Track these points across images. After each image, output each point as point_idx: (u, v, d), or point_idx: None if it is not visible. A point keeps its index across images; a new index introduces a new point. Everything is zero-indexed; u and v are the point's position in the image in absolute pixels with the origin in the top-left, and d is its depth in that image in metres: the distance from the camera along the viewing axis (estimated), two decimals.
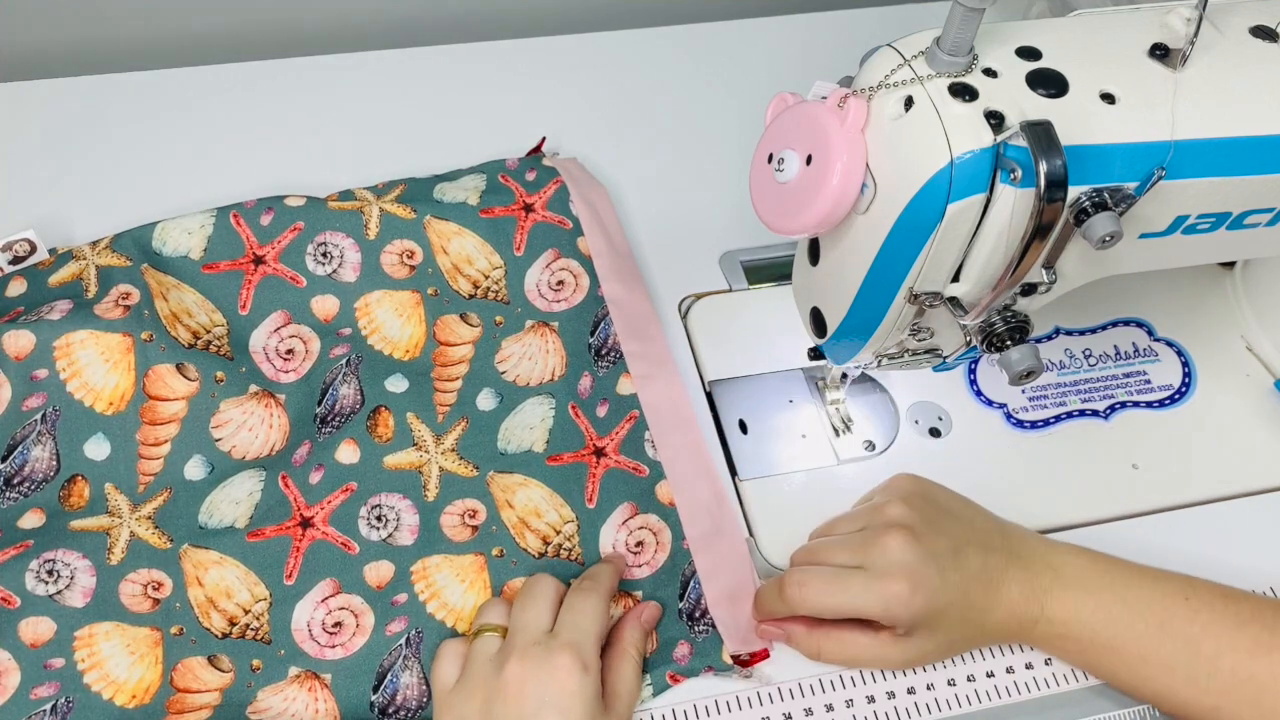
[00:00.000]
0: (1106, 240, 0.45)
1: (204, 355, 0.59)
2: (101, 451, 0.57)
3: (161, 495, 0.57)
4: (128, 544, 0.55)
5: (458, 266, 0.64)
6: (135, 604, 0.53)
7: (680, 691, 0.54)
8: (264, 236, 0.63)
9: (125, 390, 0.57)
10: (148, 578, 0.54)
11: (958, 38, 0.45)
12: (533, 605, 0.52)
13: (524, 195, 0.66)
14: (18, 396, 0.56)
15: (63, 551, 0.53)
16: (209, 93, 0.75)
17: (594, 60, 0.80)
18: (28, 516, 0.55)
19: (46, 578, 0.53)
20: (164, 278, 0.62)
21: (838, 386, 0.64)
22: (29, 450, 0.56)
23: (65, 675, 0.51)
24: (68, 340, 0.57)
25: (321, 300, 0.63)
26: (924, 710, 0.54)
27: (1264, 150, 0.49)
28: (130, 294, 0.59)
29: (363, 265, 0.64)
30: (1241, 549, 0.61)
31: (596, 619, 0.51)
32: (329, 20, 0.82)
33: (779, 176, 0.48)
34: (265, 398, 0.60)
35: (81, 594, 0.53)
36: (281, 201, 0.64)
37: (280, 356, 0.62)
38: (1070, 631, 0.53)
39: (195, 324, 0.61)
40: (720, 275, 0.69)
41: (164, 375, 0.58)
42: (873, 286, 0.50)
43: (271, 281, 0.63)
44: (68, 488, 0.56)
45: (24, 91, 0.73)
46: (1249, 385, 0.68)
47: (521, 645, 0.49)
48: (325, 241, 0.64)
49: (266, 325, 0.62)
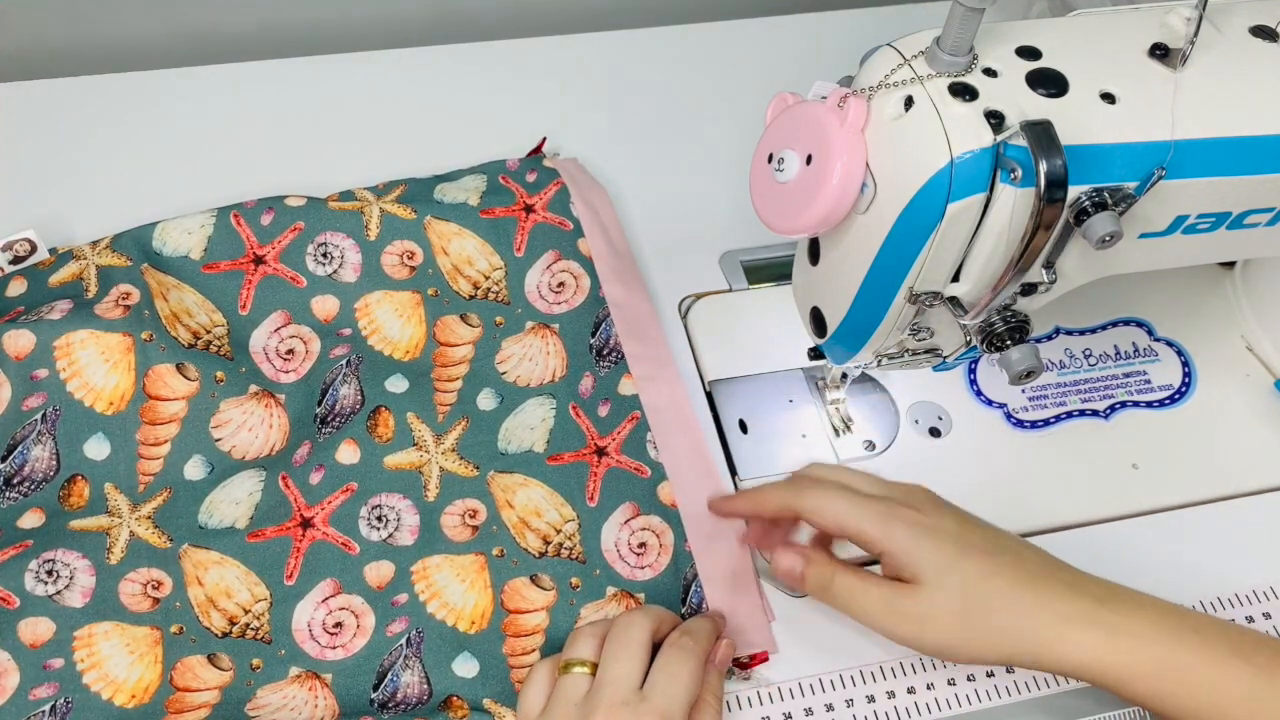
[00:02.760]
0: (1106, 240, 0.45)
1: (204, 355, 0.60)
2: (101, 451, 0.57)
3: (161, 495, 0.57)
4: (127, 544, 0.55)
5: (458, 267, 0.64)
6: (135, 603, 0.53)
7: None
8: (264, 236, 0.63)
9: (125, 390, 0.57)
10: (147, 577, 0.54)
11: (958, 37, 0.45)
12: (626, 657, 0.50)
13: (524, 196, 0.66)
14: (18, 396, 0.56)
15: (62, 551, 0.53)
16: (210, 92, 0.75)
17: (594, 60, 0.80)
18: (27, 516, 0.55)
19: (46, 578, 0.53)
20: (164, 278, 0.62)
21: (838, 386, 0.64)
22: (29, 450, 0.56)
23: (64, 675, 0.51)
24: (68, 340, 0.57)
25: (322, 300, 0.63)
26: (924, 710, 0.54)
27: (1264, 150, 0.49)
28: (130, 294, 0.59)
29: (363, 266, 0.64)
30: (1241, 549, 0.61)
31: (689, 686, 0.49)
32: (329, 20, 0.82)
33: (779, 176, 0.48)
34: (265, 398, 0.60)
35: (81, 594, 0.53)
36: (282, 202, 0.64)
37: (280, 357, 0.62)
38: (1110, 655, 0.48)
39: (195, 324, 0.61)
40: (720, 275, 0.69)
41: (164, 375, 0.58)
42: (873, 286, 0.50)
43: (272, 281, 0.63)
44: (67, 488, 0.56)
45: (24, 91, 0.73)
46: (1249, 385, 0.68)
47: (609, 701, 0.48)
48: (326, 242, 0.64)
49: (266, 325, 0.62)
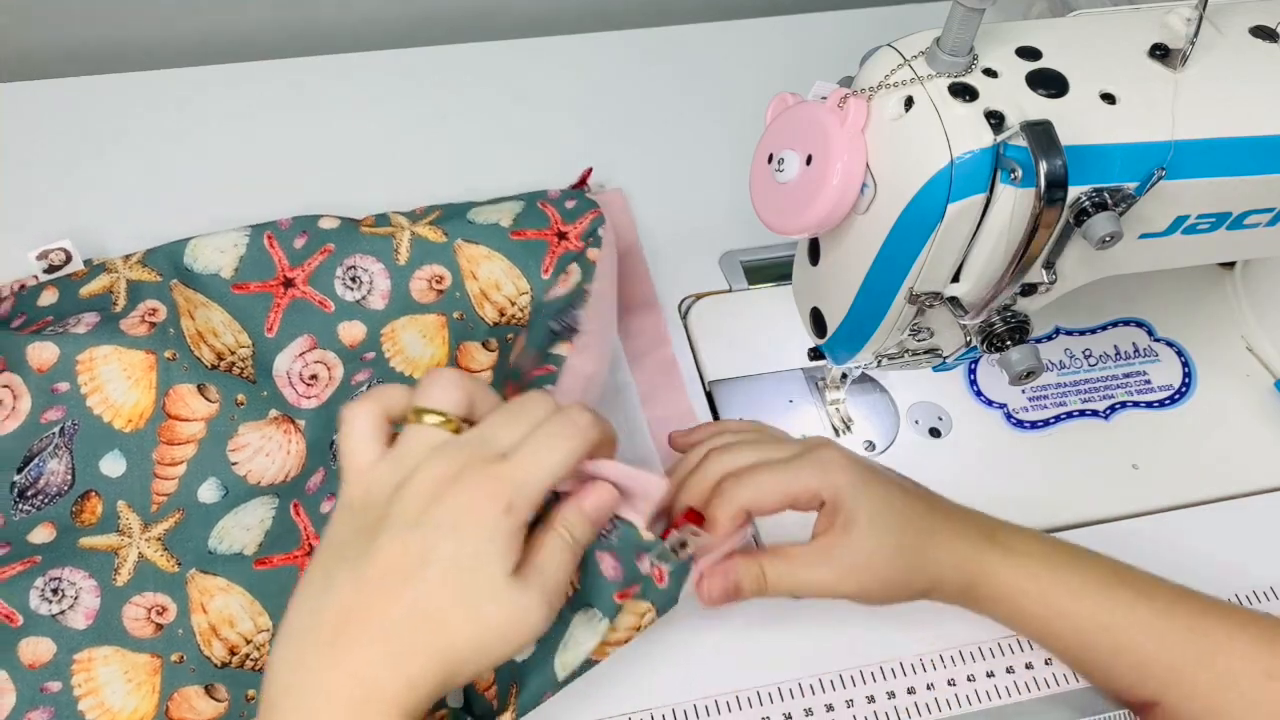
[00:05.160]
0: (1106, 240, 0.45)
1: (226, 377, 0.59)
2: (117, 468, 0.56)
3: (173, 516, 0.56)
4: (135, 565, 0.54)
5: (485, 293, 0.63)
6: (138, 629, 0.53)
7: (680, 691, 0.54)
8: (295, 259, 0.62)
9: (145, 408, 0.56)
10: (152, 602, 0.53)
11: (958, 38, 0.45)
12: (512, 427, 0.44)
13: (559, 223, 0.64)
14: (37, 408, 0.56)
15: (69, 570, 0.53)
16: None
17: (594, 60, 0.80)
18: (38, 530, 0.54)
19: (51, 596, 0.52)
20: (193, 295, 0.61)
21: (838, 386, 0.64)
22: (45, 463, 0.55)
23: (60, 700, 0.50)
24: (91, 355, 0.56)
25: (349, 326, 0.62)
26: (924, 710, 0.54)
27: (1264, 150, 0.49)
28: (157, 310, 0.58)
29: (391, 293, 0.62)
30: (1241, 549, 0.61)
31: (550, 467, 0.43)
32: (325, 20, 0.82)
33: (779, 177, 0.48)
34: (285, 423, 0.59)
35: (84, 615, 0.52)
36: (316, 223, 0.63)
37: (303, 382, 0.61)
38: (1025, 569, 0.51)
39: (220, 344, 0.60)
40: (720, 275, 0.69)
41: (185, 395, 0.57)
42: (873, 286, 0.50)
43: (300, 305, 0.62)
44: (80, 503, 0.55)
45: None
46: (1249, 385, 0.68)
47: (470, 458, 0.42)
48: (355, 265, 0.63)
49: (292, 349, 0.61)
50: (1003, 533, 0.52)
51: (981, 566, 0.51)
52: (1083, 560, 0.52)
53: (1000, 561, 0.51)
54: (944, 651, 0.56)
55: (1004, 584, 0.51)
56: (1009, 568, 0.51)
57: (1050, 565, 0.51)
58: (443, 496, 0.41)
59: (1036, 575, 0.51)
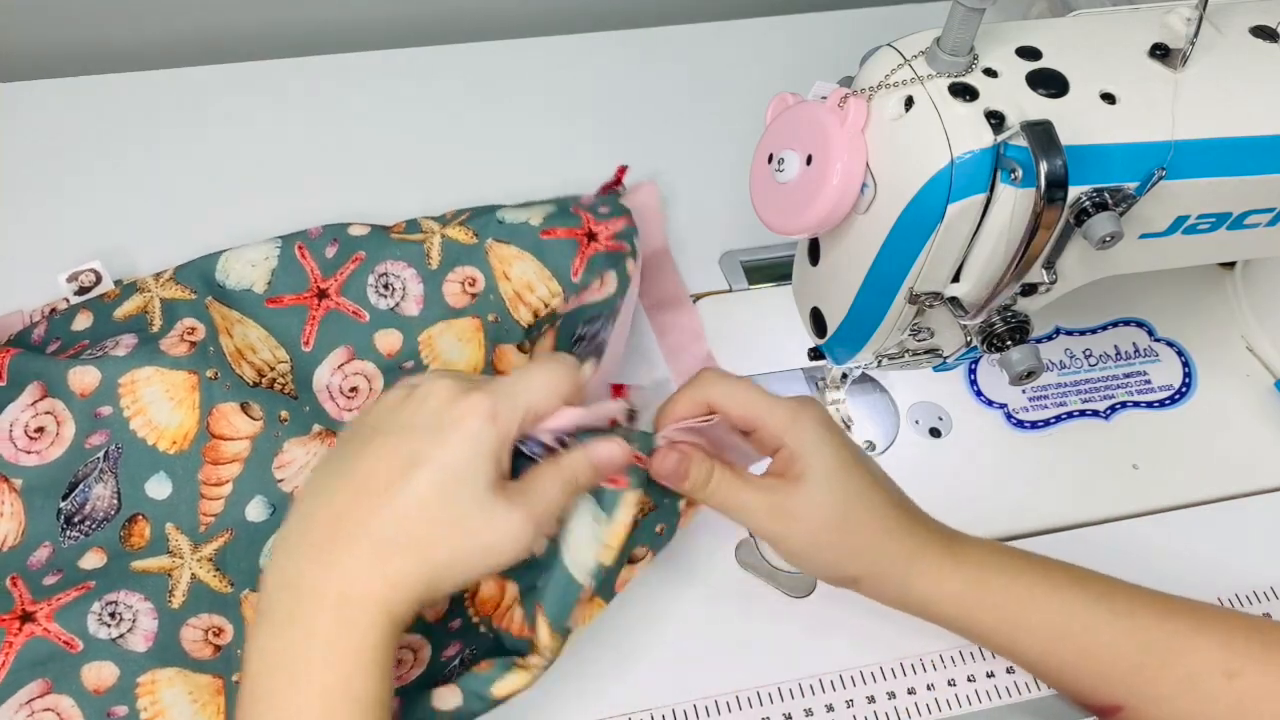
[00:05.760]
0: (1106, 240, 0.45)
1: (268, 394, 0.58)
2: (163, 491, 0.55)
3: (222, 537, 0.55)
4: (189, 586, 0.53)
5: (519, 294, 0.62)
6: (197, 650, 0.52)
7: (680, 691, 0.54)
8: (328, 269, 0.62)
9: (189, 429, 0.56)
10: (209, 623, 0.53)
11: (958, 38, 0.45)
12: (526, 376, 0.46)
13: (591, 223, 0.64)
14: (81, 433, 0.55)
15: (124, 593, 0.52)
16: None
17: (593, 60, 0.80)
18: (89, 556, 0.54)
19: (109, 620, 0.51)
20: (228, 312, 0.60)
21: (838, 386, 0.64)
22: (90, 488, 0.55)
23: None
24: (133, 377, 0.56)
25: (385, 335, 0.62)
26: (924, 710, 0.54)
27: (1264, 150, 0.49)
28: (195, 329, 0.58)
29: (425, 298, 0.62)
30: (1241, 549, 0.61)
31: (536, 387, 0.45)
32: (326, 20, 0.82)
33: (779, 177, 0.48)
34: (329, 437, 0.58)
35: (144, 638, 0.51)
36: (345, 231, 0.63)
37: (344, 395, 0.60)
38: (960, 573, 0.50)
39: (259, 360, 0.59)
40: (720, 275, 0.69)
41: (228, 414, 0.56)
42: (873, 286, 0.50)
43: (335, 317, 0.61)
44: (128, 527, 0.55)
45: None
46: (1249, 385, 0.68)
47: (468, 381, 0.45)
48: (386, 272, 0.62)
49: (330, 362, 0.61)
50: (958, 543, 0.51)
51: (930, 571, 0.50)
52: (1036, 568, 0.51)
53: (953, 570, 0.50)
54: (944, 652, 0.56)
55: (954, 593, 0.50)
56: (959, 578, 0.50)
57: (1005, 573, 0.50)
58: (434, 407, 0.44)
59: (987, 583, 0.50)
